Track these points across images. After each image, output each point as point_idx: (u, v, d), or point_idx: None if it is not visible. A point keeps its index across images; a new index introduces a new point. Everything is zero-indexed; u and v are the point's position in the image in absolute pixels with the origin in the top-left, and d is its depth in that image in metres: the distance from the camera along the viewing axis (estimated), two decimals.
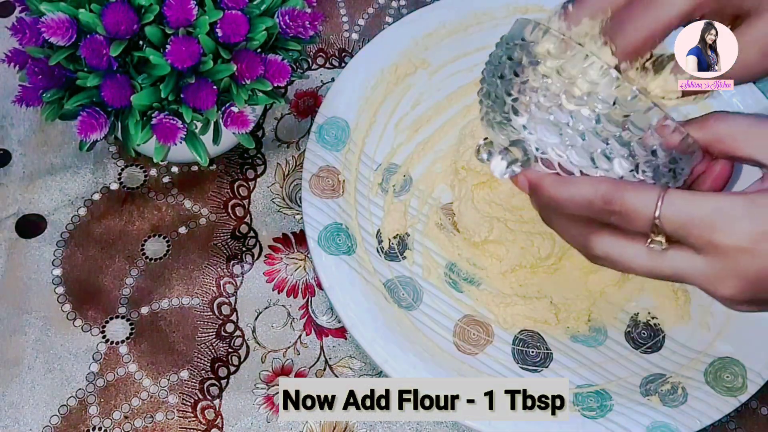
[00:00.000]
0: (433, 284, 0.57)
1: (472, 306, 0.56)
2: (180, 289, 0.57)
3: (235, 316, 0.56)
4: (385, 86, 0.62)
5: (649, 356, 0.55)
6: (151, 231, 0.59)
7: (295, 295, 0.57)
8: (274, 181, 0.61)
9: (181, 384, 0.54)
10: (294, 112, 0.64)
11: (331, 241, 0.56)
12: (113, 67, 0.48)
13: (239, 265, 0.58)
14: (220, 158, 0.61)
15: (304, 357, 0.55)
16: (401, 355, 0.52)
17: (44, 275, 0.56)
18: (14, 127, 0.62)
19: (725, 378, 0.53)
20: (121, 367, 0.54)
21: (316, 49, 0.67)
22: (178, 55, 0.47)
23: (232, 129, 0.51)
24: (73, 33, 0.47)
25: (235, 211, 0.60)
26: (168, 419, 0.53)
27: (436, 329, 0.55)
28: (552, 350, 0.55)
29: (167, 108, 0.49)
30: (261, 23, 0.50)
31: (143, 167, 0.61)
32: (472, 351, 0.55)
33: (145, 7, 0.47)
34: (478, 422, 0.50)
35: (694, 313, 0.56)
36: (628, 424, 0.51)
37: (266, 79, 0.50)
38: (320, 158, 0.59)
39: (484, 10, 0.65)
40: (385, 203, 0.59)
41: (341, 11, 0.69)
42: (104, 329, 0.55)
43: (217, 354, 0.55)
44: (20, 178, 0.60)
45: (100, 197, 0.60)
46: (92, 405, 0.53)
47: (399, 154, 0.62)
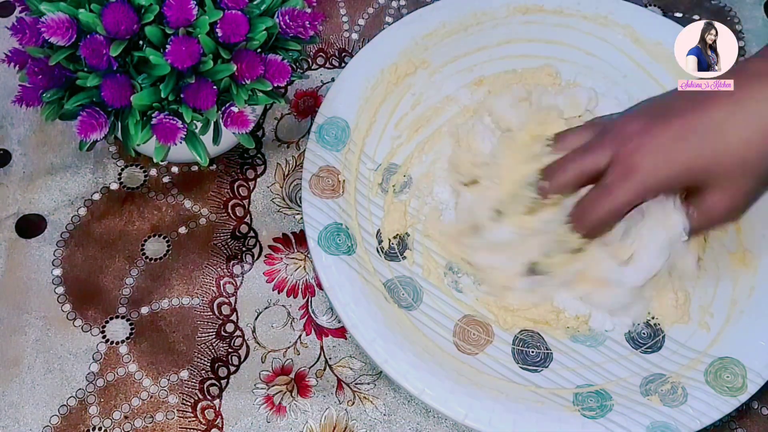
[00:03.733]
0: (433, 284, 0.57)
1: (472, 306, 0.56)
2: (180, 289, 0.57)
3: (235, 316, 0.56)
4: (385, 86, 0.62)
5: (649, 356, 0.55)
6: (151, 231, 0.59)
7: (295, 295, 0.57)
8: (274, 181, 0.61)
9: (181, 384, 0.54)
10: (294, 112, 0.64)
11: (331, 241, 0.56)
12: (113, 67, 0.48)
13: (239, 265, 0.58)
14: (220, 158, 0.61)
15: (304, 357, 0.55)
16: (401, 355, 0.52)
17: (44, 275, 0.57)
18: (14, 127, 0.62)
19: (725, 378, 0.53)
20: (121, 367, 0.54)
21: (316, 49, 0.67)
22: (178, 55, 0.47)
23: (232, 129, 0.51)
24: (73, 33, 0.47)
25: (235, 211, 0.60)
26: (168, 419, 0.53)
27: (436, 329, 0.55)
28: (552, 350, 0.55)
29: (167, 108, 0.49)
30: (261, 23, 0.50)
31: (143, 167, 0.61)
32: (472, 351, 0.55)
33: (145, 7, 0.47)
34: (479, 422, 0.50)
35: (694, 313, 0.56)
36: (628, 424, 0.51)
37: (266, 79, 0.51)
38: (320, 158, 0.59)
39: (484, 10, 0.65)
40: (385, 203, 0.59)
41: (341, 11, 0.69)
42: (104, 329, 0.55)
43: (217, 354, 0.55)
44: (20, 178, 0.60)
45: (100, 197, 0.60)
46: (92, 405, 0.53)
47: (399, 154, 0.62)
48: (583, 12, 0.66)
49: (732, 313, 0.56)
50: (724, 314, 0.56)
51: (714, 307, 0.56)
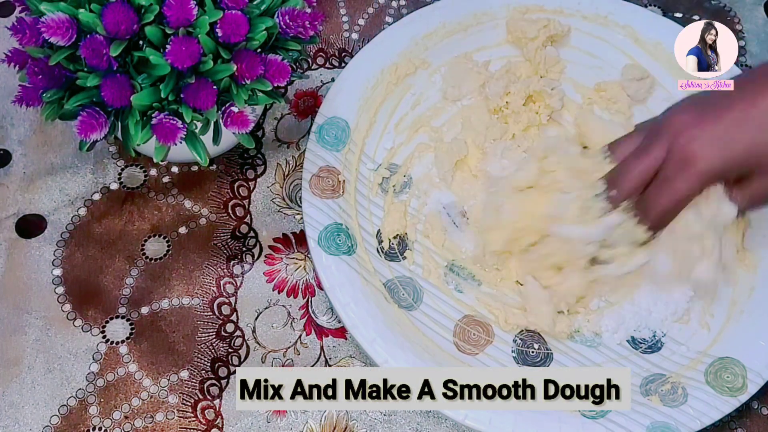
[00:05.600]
0: (433, 284, 0.57)
1: (473, 306, 0.56)
2: (180, 289, 0.57)
3: (235, 316, 0.56)
4: (385, 86, 0.62)
5: (649, 356, 0.55)
6: (151, 231, 0.59)
7: (295, 295, 0.57)
8: (274, 181, 0.61)
9: (181, 384, 0.54)
10: (294, 112, 0.64)
11: (331, 241, 0.56)
12: (113, 67, 0.48)
13: (239, 265, 0.58)
14: (220, 158, 0.61)
15: (304, 357, 0.55)
16: (401, 355, 0.52)
17: (44, 275, 0.56)
18: (14, 127, 0.62)
19: (725, 378, 0.53)
20: (121, 367, 0.54)
21: (316, 49, 0.67)
22: (178, 55, 0.47)
23: (232, 129, 0.51)
24: (73, 33, 0.47)
25: (235, 211, 0.60)
26: (168, 419, 0.53)
27: (436, 329, 0.55)
28: (552, 350, 0.55)
29: (167, 108, 0.49)
30: (261, 23, 0.50)
31: (143, 167, 0.61)
32: (473, 351, 0.55)
33: (145, 7, 0.47)
34: (479, 422, 0.50)
35: (694, 313, 0.56)
36: (628, 424, 0.51)
37: (266, 79, 0.51)
38: (320, 158, 0.59)
39: (484, 10, 0.65)
40: (385, 203, 0.59)
41: (341, 11, 0.69)
42: (104, 329, 0.55)
43: (217, 354, 0.55)
44: (20, 178, 0.60)
45: (100, 197, 0.60)
46: (92, 405, 0.53)
47: (399, 154, 0.62)
48: (583, 12, 0.66)
49: (732, 313, 0.56)
50: (724, 314, 0.56)
51: (714, 307, 0.56)
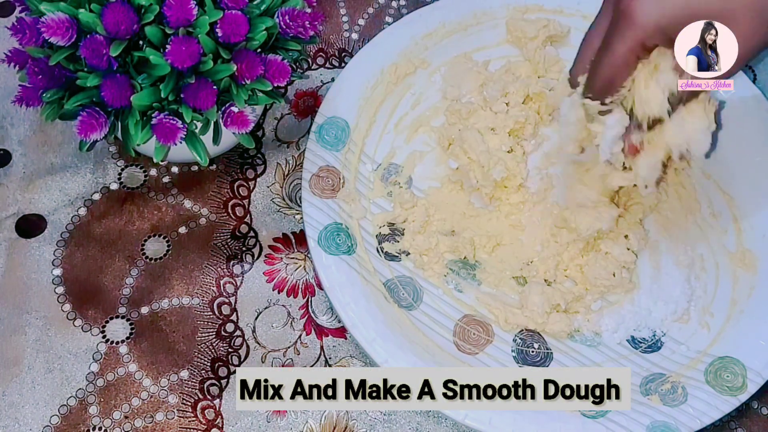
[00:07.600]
0: (433, 284, 0.57)
1: (472, 306, 0.56)
2: (180, 289, 0.57)
3: (235, 316, 0.56)
4: (385, 86, 0.62)
5: (649, 356, 0.55)
6: (151, 231, 0.59)
7: (295, 295, 0.57)
8: (274, 181, 0.61)
9: (181, 384, 0.54)
10: (294, 112, 0.64)
11: (331, 241, 0.56)
12: (113, 67, 0.48)
13: (239, 265, 0.58)
14: (220, 158, 0.61)
15: (304, 357, 0.55)
16: (401, 355, 0.52)
17: (44, 275, 0.57)
18: (14, 127, 0.62)
19: (725, 378, 0.53)
20: (121, 367, 0.54)
21: (316, 49, 0.67)
22: (178, 55, 0.47)
23: (232, 129, 0.51)
24: (73, 33, 0.47)
25: (235, 211, 0.60)
26: (168, 419, 0.53)
27: (436, 329, 0.55)
28: (552, 350, 0.55)
29: (167, 108, 0.49)
30: (261, 23, 0.50)
31: (143, 167, 0.61)
32: (473, 351, 0.55)
33: (145, 7, 0.47)
34: (479, 422, 0.50)
35: (694, 313, 0.56)
36: (628, 423, 0.51)
37: (266, 79, 0.51)
38: (320, 158, 0.59)
39: (484, 10, 0.65)
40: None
41: (341, 11, 0.69)
42: (104, 329, 0.55)
43: (217, 354, 0.55)
44: (20, 178, 0.60)
45: (100, 197, 0.60)
46: (92, 405, 0.53)
47: (399, 154, 0.62)
48: (582, 12, 0.66)
49: (732, 312, 0.56)
50: (724, 314, 0.56)
51: (714, 306, 0.56)
